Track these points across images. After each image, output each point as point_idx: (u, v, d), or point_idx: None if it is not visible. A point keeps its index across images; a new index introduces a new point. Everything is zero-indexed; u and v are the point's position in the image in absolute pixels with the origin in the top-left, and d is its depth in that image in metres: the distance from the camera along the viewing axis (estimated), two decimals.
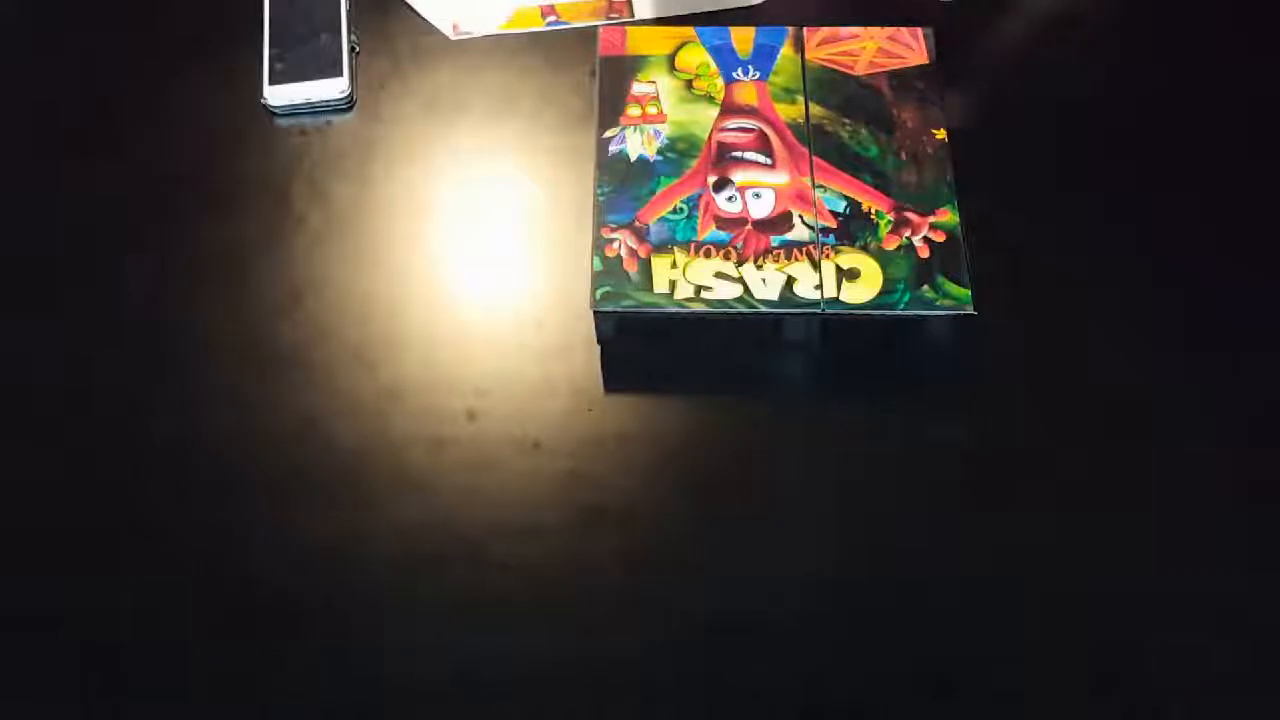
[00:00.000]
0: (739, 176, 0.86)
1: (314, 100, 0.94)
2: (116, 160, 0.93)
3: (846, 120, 0.88)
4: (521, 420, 0.82)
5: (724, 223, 0.84)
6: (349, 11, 0.97)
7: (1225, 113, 0.93)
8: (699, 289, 0.81)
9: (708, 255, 0.82)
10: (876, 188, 0.85)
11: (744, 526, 0.79)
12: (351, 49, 0.96)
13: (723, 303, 0.81)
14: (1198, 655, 0.75)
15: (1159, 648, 0.75)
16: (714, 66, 0.91)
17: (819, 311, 0.80)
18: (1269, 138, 0.92)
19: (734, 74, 0.90)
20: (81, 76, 0.97)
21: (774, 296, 0.81)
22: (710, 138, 0.87)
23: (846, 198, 0.84)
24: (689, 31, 0.92)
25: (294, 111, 0.95)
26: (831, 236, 0.83)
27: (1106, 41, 0.97)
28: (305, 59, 0.95)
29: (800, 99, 0.89)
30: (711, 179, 0.86)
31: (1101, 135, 0.92)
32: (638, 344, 0.85)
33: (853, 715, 0.74)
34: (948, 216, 0.83)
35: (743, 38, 0.92)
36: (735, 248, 0.83)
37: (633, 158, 0.87)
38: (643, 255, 0.83)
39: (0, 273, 0.89)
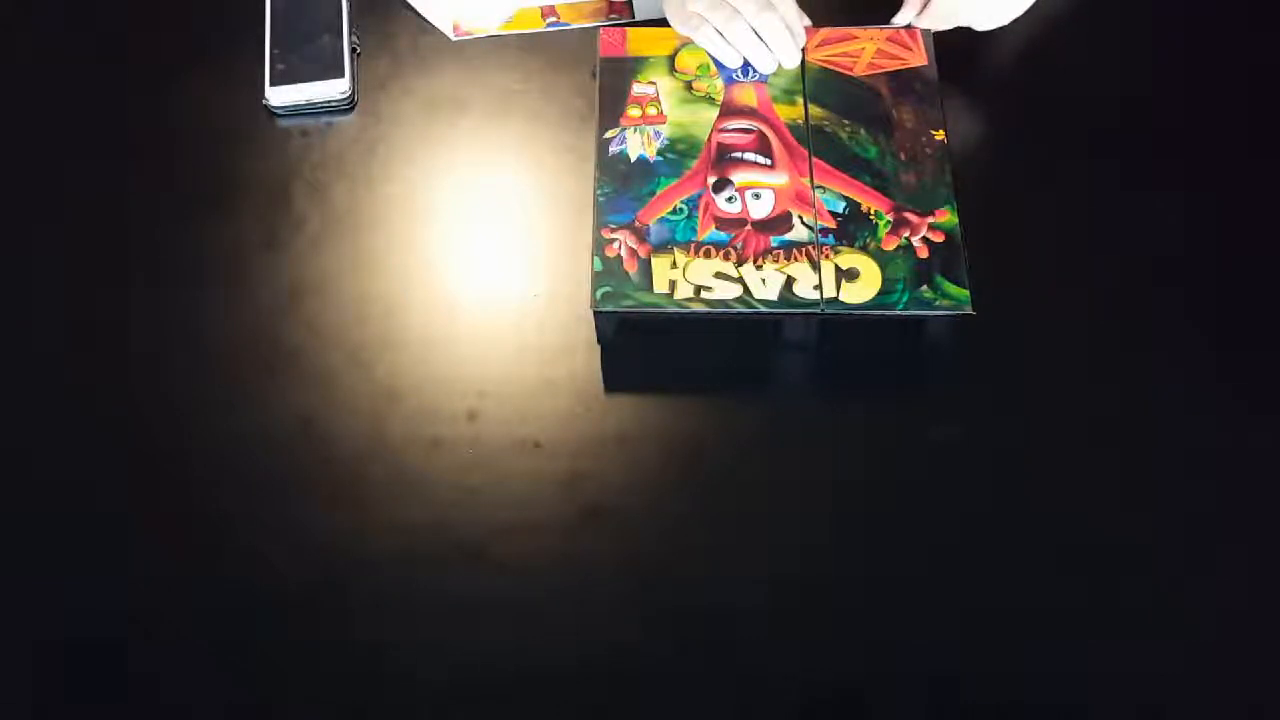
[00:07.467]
0: (738, 177, 0.86)
1: (315, 101, 0.94)
2: (117, 160, 0.93)
3: (846, 121, 0.88)
4: (521, 420, 0.82)
5: (724, 223, 0.84)
6: (349, 12, 0.98)
7: (1226, 111, 0.93)
8: (699, 289, 0.81)
9: (708, 255, 0.82)
10: (875, 188, 0.85)
11: (744, 526, 0.79)
12: (352, 50, 0.96)
13: (722, 303, 0.81)
14: (1197, 656, 0.75)
15: (1160, 647, 0.75)
16: (714, 67, 0.91)
17: (818, 312, 0.80)
18: (1270, 136, 0.92)
19: (733, 75, 0.90)
20: (82, 76, 0.97)
21: (774, 297, 0.81)
22: (710, 138, 0.87)
23: (846, 198, 0.84)
24: None
25: (295, 112, 0.95)
26: (831, 237, 0.83)
27: (1106, 41, 0.97)
28: (306, 60, 0.95)
29: (800, 100, 0.89)
30: (711, 179, 0.86)
31: (1101, 135, 0.92)
32: (638, 344, 0.85)
33: (852, 714, 0.74)
34: (947, 217, 0.83)
35: None
36: (735, 248, 0.83)
37: (633, 158, 0.87)
38: (643, 255, 0.83)
39: (0, 273, 0.89)
